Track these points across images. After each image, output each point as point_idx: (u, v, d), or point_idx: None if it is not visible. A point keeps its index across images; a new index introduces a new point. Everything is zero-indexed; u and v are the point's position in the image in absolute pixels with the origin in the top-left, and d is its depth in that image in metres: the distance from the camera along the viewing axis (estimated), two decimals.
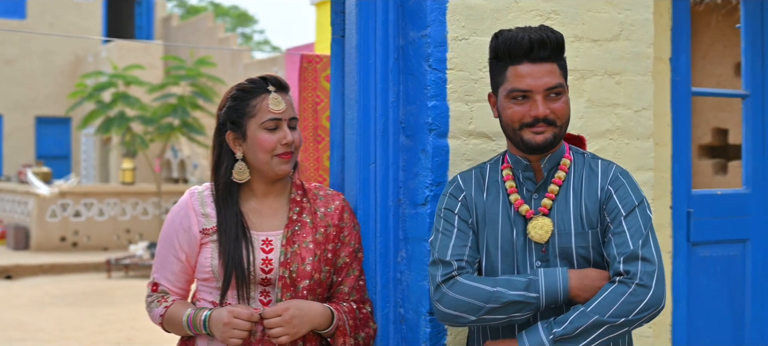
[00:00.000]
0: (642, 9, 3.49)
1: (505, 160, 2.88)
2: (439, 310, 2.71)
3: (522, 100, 2.72)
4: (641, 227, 2.67)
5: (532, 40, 2.68)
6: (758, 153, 4.24)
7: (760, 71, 4.23)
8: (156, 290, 3.05)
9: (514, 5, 3.24)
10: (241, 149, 2.96)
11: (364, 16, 3.18)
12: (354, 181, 3.20)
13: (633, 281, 2.57)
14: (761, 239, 4.22)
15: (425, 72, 3.11)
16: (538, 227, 2.74)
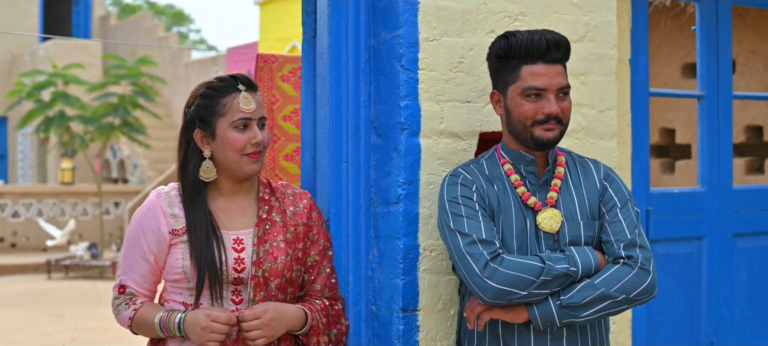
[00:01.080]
0: (605, 11, 3.56)
1: (501, 156, 2.98)
2: (490, 287, 2.75)
3: (535, 98, 2.86)
4: (634, 218, 2.91)
5: (548, 41, 2.83)
6: (713, 152, 4.34)
7: (715, 72, 4.32)
8: (123, 293, 3.00)
9: (483, 7, 3.29)
10: (209, 148, 2.95)
11: (336, 17, 3.21)
12: (326, 180, 3.23)
13: (636, 263, 2.80)
14: (716, 236, 4.32)
15: (397, 72, 3.14)
16: (549, 217, 2.90)
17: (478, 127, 3.27)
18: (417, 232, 3.14)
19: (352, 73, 3.21)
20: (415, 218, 3.14)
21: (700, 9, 4.31)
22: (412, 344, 3.14)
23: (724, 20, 4.35)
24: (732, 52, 4.40)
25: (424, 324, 3.16)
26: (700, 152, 4.35)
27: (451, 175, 2.97)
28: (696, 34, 4.37)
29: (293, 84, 5.75)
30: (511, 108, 2.92)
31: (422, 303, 3.15)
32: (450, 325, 3.21)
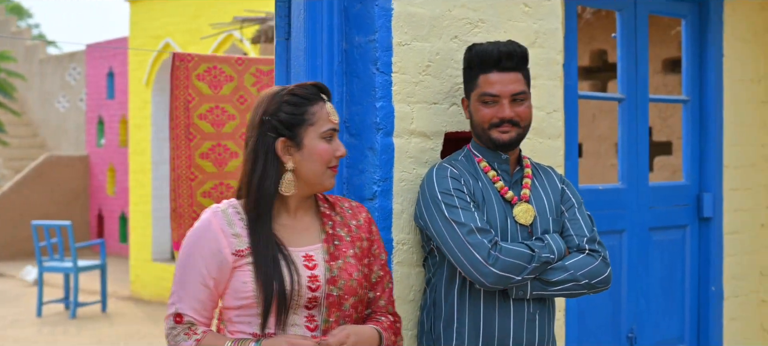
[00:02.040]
0: (552, 19, 3.81)
1: (475, 154, 3.24)
2: (493, 273, 3.01)
3: (491, 103, 3.15)
4: (588, 218, 3.25)
5: (500, 52, 3.12)
6: (632, 152, 4.64)
7: (634, 77, 4.62)
8: (181, 322, 2.69)
9: (448, 14, 3.49)
10: (292, 159, 2.75)
11: (311, 21, 3.35)
12: None
13: (599, 256, 3.15)
14: (634, 229, 4.62)
15: (373, 75, 3.31)
16: (523, 211, 3.18)
17: (444, 128, 3.47)
18: (391, 226, 3.31)
19: (326, 75, 3.35)
20: (390, 213, 3.31)
21: (621, 17, 4.60)
22: None
23: (642, 28, 4.66)
24: (648, 57, 4.71)
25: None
26: (620, 152, 4.64)
27: (438, 169, 3.17)
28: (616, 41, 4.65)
29: (208, 83, 5.85)
30: (473, 113, 3.22)
31: (396, 294, 3.31)
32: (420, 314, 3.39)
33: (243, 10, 9.97)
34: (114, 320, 11.96)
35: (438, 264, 3.21)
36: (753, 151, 5.09)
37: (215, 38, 11.77)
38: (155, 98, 13.79)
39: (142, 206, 14.12)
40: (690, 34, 4.90)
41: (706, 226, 4.92)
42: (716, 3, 4.87)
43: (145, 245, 14.03)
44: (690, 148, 4.93)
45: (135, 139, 14.34)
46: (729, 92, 4.94)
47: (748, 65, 5.05)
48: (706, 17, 4.88)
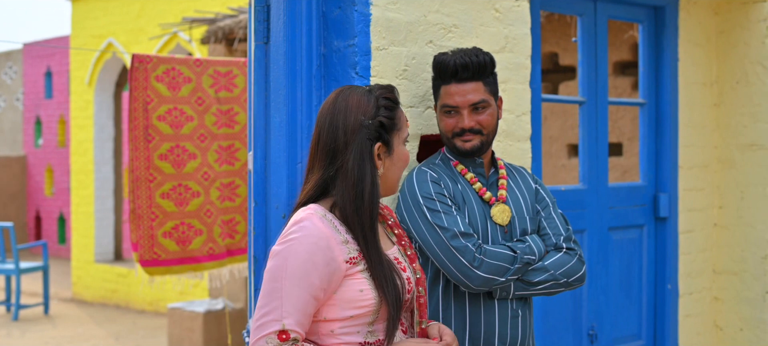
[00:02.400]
0: (521, 24, 3.90)
1: (451, 158, 3.33)
2: (478, 276, 3.11)
3: (452, 113, 3.26)
4: (562, 217, 3.37)
5: (456, 64, 3.21)
6: (593, 153, 4.75)
7: (594, 80, 4.73)
8: (287, 339, 2.44)
9: (423, 19, 3.56)
10: (383, 164, 2.66)
11: (291, 26, 3.40)
12: (282, 180, 3.40)
13: (575, 254, 3.26)
14: (595, 229, 4.74)
15: (352, 79, 3.37)
16: (501, 212, 3.28)
17: (419, 130, 3.54)
18: None
19: (305, 79, 3.40)
20: None
21: (581, 22, 4.71)
22: None
23: (602, 33, 4.77)
24: (608, 61, 4.83)
25: None
26: (581, 153, 4.75)
27: (418, 173, 3.24)
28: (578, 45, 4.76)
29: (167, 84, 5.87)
30: (438, 122, 3.33)
31: None
32: None
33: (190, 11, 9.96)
34: (57, 322, 11.85)
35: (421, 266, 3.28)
36: (706, 152, 5.24)
37: (160, 38, 11.72)
38: (98, 98, 13.68)
39: (84, 206, 14.00)
40: (646, 38, 5.03)
41: (663, 225, 5.05)
42: (672, 8, 5.01)
43: (88, 247, 13.92)
44: (646, 150, 5.06)
45: (77, 139, 14.21)
46: (684, 95, 5.07)
47: (702, 69, 5.19)
48: (662, 22, 5.01)
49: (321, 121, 2.63)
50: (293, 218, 2.55)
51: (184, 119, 5.87)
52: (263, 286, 2.50)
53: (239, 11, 9.01)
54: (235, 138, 6.08)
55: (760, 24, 5.09)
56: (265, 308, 2.46)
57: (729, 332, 5.25)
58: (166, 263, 5.88)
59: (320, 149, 2.61)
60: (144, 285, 12.29)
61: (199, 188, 5.90)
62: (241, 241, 6.14)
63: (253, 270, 3.53)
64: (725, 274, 5.22)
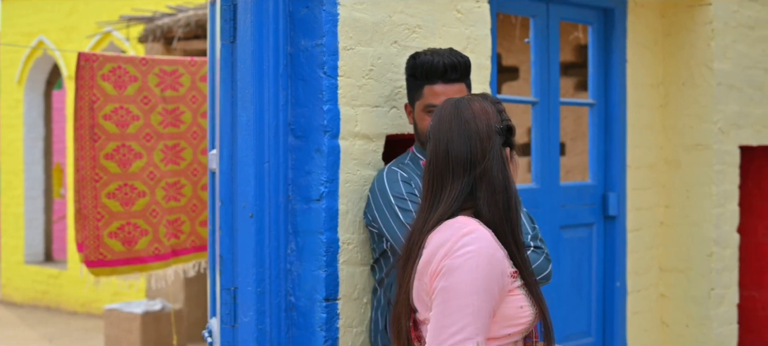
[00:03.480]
0: (482, 25, 3.94)
1: (421, 158, 3.35)
2: None
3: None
4: (528, 215, 3.38)
5: (445, 64, 3.22)
6: (545, 153, 4.81)
7: (546, 81, 4.80)
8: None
9: (388, 20, 3.57)
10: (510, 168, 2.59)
11: (258, 25, 3.39)
12: (250, 179, 3.39)
13: (543, 252, 3.26)
14: (547, 228, 4.80)
15: (320, 78, 3.37)
16: None
17: (385, 130, 3.55)
18: (337, 227, 3.38)
19: (272, 78, 3.39)
20: (336, 213, 3.38)
21: (534, 23, 4.77)
22: (334, 330, 3.38)
23: (554, 34, 4.84)
24: (559, 63, 4.90)
25: (343, 312, 3.40)
26: (534, 153, 4.81)
27: (388, 173, 3.26)
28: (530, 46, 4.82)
29: (113, 83, 5.80)
30: (417, 121, 3.33)
31: (341, 293, 3.40)
32: (364, 312, 3.47)
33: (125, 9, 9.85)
34: None
35: (392, 265, 3.30)
36: (653, 152, 5.34)
37: (92, 37, 11.57)
38: (27, 97, 13.45)
39: (14, 207, 13.75)
40: (596, 40, 5.11)
41: (612, 224, 5.14)
42: (621, 10, 5.09)
43: (18, 248, 13.67)
44: (596, 150, 5.14)
45: (6, 139, 13.96)
46: (632, 96, 5.16)
47: (649, 70, 5.29)
48: (611, 24, 5.10)
49: (445, 134, 2.50)
50: (459, 230, 2.37)
51: (130, 118, 5.80)
52: (446, 302, 2.30)
53: (178, 10, 8.94)
54: (181, 137, 6.03)
55: (705, 26, 5.20)
56: (454, 326, 2.28)
57: (675, 328, 5.35)
58: (112, 263, 5.80)
59: (452, 161, 2.46)
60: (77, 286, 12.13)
61: (144, 188, 5.84)
62: (185, 241, 6.09)
63: (220, 270, 3.52)
64: (671, 272, 5.32)
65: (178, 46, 8.94)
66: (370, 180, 3.45)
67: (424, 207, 2.51)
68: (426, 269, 2.38)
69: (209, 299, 4.09)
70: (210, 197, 4.09)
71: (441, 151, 2.49)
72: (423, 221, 2.48)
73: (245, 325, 3.40)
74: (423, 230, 2.46)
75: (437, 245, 2.37)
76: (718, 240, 5.25)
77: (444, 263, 2.33)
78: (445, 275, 2.32)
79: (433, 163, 2.51)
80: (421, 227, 2.48)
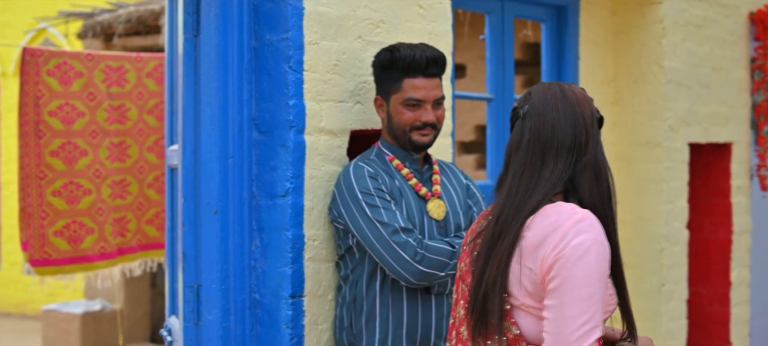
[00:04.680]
0: (443, 21, 3.93)
1: (387, 153, 3.35)
2: (419, 271, 3.10)
3: (414, 107, 3.26)
4: None
5: (428, 58, 3.23)
6: (500, 150, 4.82)
7: (501, 77, 4.81)
8: None
9: (352, 14, 3.55)
10: None
11: (223, 19, 3.34)
12: (214, 175, 3.34)
13: None
14: None
15: (285, 73, 3.33)
16: (436, 207, 3.31)
17: (349, 125, 3.53)
18: (302, 223, 3.35)
19: (236, 72, 3.35)
20: (301, 209, 3.34)
21: (490, 20, 4.78)
22: (299, 328, 3.35)
23: (508, 31, 4.85)
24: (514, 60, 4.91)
25: (309, 309, 3.37)
26: (489, 150, 4.82)
27: (355, 168, 3.24)
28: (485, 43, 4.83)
29: (58, 79, 5.70)
30: (393, 115, 3.31)
31: (307, 289, 3.36)
32: (328, 309, 3.44)
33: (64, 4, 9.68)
34: None
35: (358, 261, 3.28)
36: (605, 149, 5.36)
37: (27, 33, 11.37)
38: None
39: None
40: (549, 37, 5.14)
41: None
42: (573, 8, 5.13)
43: None
44: None
45: None
46: None
47: (600, 68, 5.33)
48: (563, 22, 5.13)
49: (551, 114, 2.41)
50: (571, 216, 2.29)
51: (76, 115, 5.70)
52: (572, 291, 2.23)
53: (118, 6, 8.81)
54: (127, 134, 5.95)
55: (656, 25, 5.26)
56: (584, 315, 2.21)
57: None
58: (58, 262, 5.71)
59: (558, 142, 2.39)
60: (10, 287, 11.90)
61: (90, 186, 5.74)
62: (131, 239, 6.00)
63: (182, 268, 3.46)
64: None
65: (118, 42, 8.81)
66: (335, 176, 3.43)
67: (517, 184, 2.39)
68: (532, 254, 2.30)
69: (168, 297, 4.03)
70: (168, 193, 4.02)
71: (546, 130, 2.40)
72: (520, 199, 2.37)
73: (209, 323, 3.36)
74: (520, 210, 2.34)
75: (546, 229, 2.29)
76: (668, 236, 5.31)
77: (563, 252, 2.25)
78: (567, 264, 2.24)
79: (534, 140, 2.40)
80: (516, 205, 2.36)
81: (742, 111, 6.03)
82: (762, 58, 6.08)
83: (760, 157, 6.20)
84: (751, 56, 6.13)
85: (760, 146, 6.20)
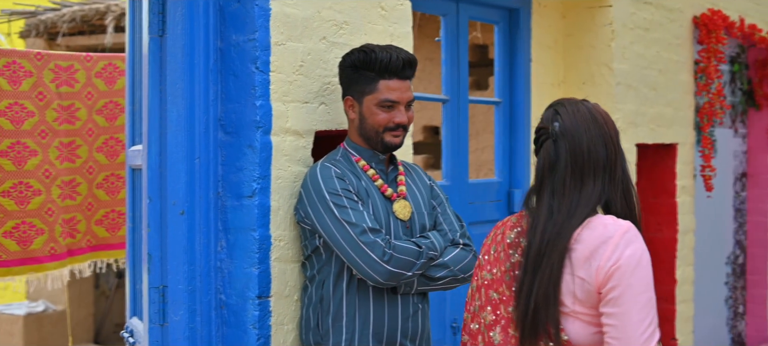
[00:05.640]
0: (404, 22, 3.98)
1: (353, 154, 3.38)
2: (387, 270, 3.14)
3: (389, 109, 3.29)
4: (455, 213, 3.49)
5: (403, 61, 3.28)
6: (455, 151, 4.88)
7: (456, 79, 4.86)
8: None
9: (317, 15, 3.58)
10: None
11: (189, 19, 3.35)
12: (180, 175, 3.34)
13: (471, 249, 3.36)
14: None
15: (252, 73, 3.35)
16: (402, 207, 3.35)
17: (314, 126, 3.56)
18: (269, 223, 3.37)
19: (202, 73, 3.36)
20: (268, 210, 3.37)
21: (445, 22, 4.83)
22: (266, 328, 3.37)
23: (463, 33, 4.90)
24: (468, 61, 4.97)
25: (275, 309, 3.39)
26: (445, 150, 4.87)
27: (322, 169, 3.27)
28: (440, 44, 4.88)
29: (7, 78, 5.64)
30: (367, 116, 3.34)
31: (273, 290, 3.39)
32: (294, 309, 3.47)
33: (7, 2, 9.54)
34: None
35: (324, 261, 3.30)
36: None
37: None
38: None
39: None
40: (502, 39, 5.20)
41: None
42: (525, 11, 5.20)
43: None
44: (502, 147, 5.23)
45: None
46: (535, 95, 5.27)
47: (551, 70, 5.41)
48: (516, 24, 5.20)
49: (584, 134, 2.61)
50: (618, 228, 2.51)
51: (25, 115, 5.64)
52: (635, 298, 2.45)
53: (62, 5, 8.72)
54: (76, 135, 5.89)
55: (605, 27, 5.35)
56: (647, 318, 2.46)
57: None
58: (7, 264, 5.64)
59: (593, 161, 2.60)
60: None
61: (40, 186, 5.68)
62: (81, 240, 5.95)
63: (148, 268, 3.46)
64: None
65: (62, 41, 8.72)
66: (300, 176, 3.45)
67: (558, 204, 2.59)
68: (584, 264, 2.50)
69: (128, 298, 4.02)
70: (130, 193, 4.01)
71: (582, 150, 2.59)
72: (563, 217, 2.56)
73: (175, 324, 3.36)
74: (565, 227, 2.54)
75: (596, 241, 2.50)
76: None
77: (619, 263, 2.46)
78: (625, 274, 2.46)
79: (572, 160, 2.59)
80: (560, 223, 2.55)
81: (687, 113, 6.17)
82: (705, 61, 6.22)
83: (704, 158, 6.33)
84: (695, 59, 6.26)
85: (703, 147, 6.34)
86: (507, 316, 2.65)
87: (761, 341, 7.46)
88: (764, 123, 7.57)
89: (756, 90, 7.46)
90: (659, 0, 5.83)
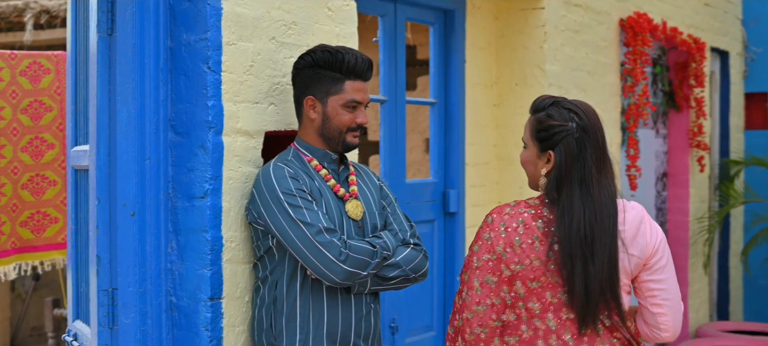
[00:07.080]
0: (350, 23, 3.98)
1: (305, 154, 3.38)
2: (344, 270, 3.15)
3: (353, 110, 3.32)
4: (404, 213, 3.51)
5: (368, 62, 3.32)
6: (393, 151, 4.90)
7: (394, 79, 4.88)
8: None
9: (267, 16, 3.56)
10: None
11: (139, 18, 3.30)
12: (131, 176, 3.29)
13: (421, 249, 3.38)
14: None
15: (204, 73, 3.32)
16: (354, 207, 3.37)
17: (264, 127, 3.54)
18: (221, 224, 3.34)
19: (153, 73, 3.31)
20: (220, 211, 3.34)
21: (383, 23, 4.85)
22: (218, 330, 3.34)
23: (401, 34, 4.93)
24: (405, 61, 4.99)
25: (227, 311, 3.37)
26: (382, 150, 4.89)
27: (275, 169, 3.26)
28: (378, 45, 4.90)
29: None
30: (332, 116, 3.35)
31: (225, 291, 3.36)
32: (245, 311, 3.44)
33: None
34: None
35: (277, 262, 3.29)
36: (488, 150, 5.52)
37: None
38: None
39: None
40: (437, 40, 5.24)
41: (451, 220, 5.28)
42: (460, 12, 5.24)
43: None
44: (437, 148, 5.27)
45: None
46: (469, 96, 5.32)
47: (484, 71, 5.47)
48: (451, 25, 5.24)
49: (600, 131, 2.95)
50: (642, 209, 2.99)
51: None
52: (672, 266, 3.00)
53: None
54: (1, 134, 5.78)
55: (538, 29, 5.42)
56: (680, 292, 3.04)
57: None
58: None
59: (606, 155, 2.95)
60: None
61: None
62: (6, 242, 5.79)
63: (97, 271, 3.40)
64: None
65: None
66: (251, 177, 3.43)
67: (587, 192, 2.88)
68: (632, 242, 2.92)
69: (71, 300, 3.94)
70: (72, 194, 3.94)
71: (600, 146, 2.92)
72: (596, 203, 2.87)
73: (126, 327, 3.31)
74: (608, 211, 2.88)
75: (635, 221, 2.94)
76: None
77: (659, 236, 2.97)
78: (664, 245, 2.97)
79: (596, 151, 2.91)
80: (594, 209, 2.86)
81: (614, 114, 6.29)
82: (631, 63, 6.34)
83: (630, 159, 6.46)
84: (622, 61, 6.39)
85: (629, 148, 6.46)
86: (555, 301, 2.88)
87: (682, 339, 7.63)
88: (684, 124, 7.75)
89: (676, 92, 7.64)
90: (588, 2, 5.92)
